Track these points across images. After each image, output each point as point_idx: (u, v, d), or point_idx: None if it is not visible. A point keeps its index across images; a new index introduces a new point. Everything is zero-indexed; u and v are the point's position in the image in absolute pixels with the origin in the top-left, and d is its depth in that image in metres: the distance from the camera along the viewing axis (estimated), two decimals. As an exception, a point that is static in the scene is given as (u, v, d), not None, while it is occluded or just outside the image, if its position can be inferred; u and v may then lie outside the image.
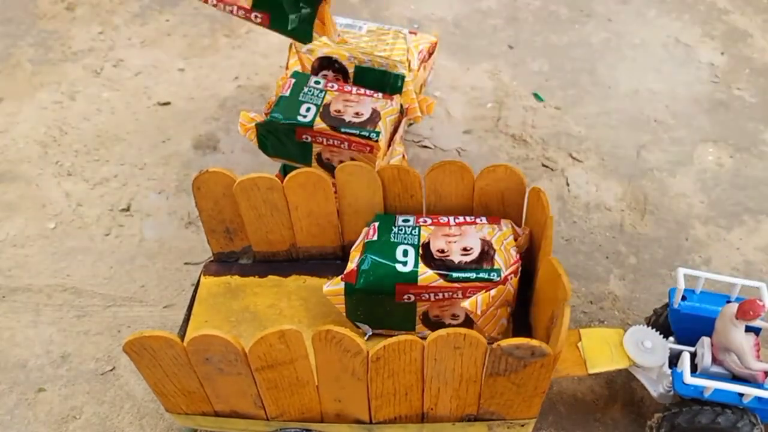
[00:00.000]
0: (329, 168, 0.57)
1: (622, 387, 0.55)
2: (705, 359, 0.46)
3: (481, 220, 0.51)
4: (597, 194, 0.71)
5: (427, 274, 0.46)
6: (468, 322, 0.48)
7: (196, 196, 0.53)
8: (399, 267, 0.46)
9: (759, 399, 0.44)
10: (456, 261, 0.47)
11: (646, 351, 0.47)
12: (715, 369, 0.46)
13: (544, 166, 0.74)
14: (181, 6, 0.97)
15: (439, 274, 0.46)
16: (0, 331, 0.59)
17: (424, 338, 0.39)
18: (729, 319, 0.45)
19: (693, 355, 0.48)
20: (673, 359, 0.48)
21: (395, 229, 0.49)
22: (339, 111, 0.57)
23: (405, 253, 0.47)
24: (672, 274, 0.63)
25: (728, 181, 0.73)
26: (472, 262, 0.46)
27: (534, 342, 0.38)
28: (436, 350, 0.39)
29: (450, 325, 0.48)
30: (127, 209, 0.69)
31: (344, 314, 0.49)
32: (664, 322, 0.52)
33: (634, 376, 0.49)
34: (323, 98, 0.58)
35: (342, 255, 0.56)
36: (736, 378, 0.46)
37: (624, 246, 0.66)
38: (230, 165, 0.74)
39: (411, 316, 0.48)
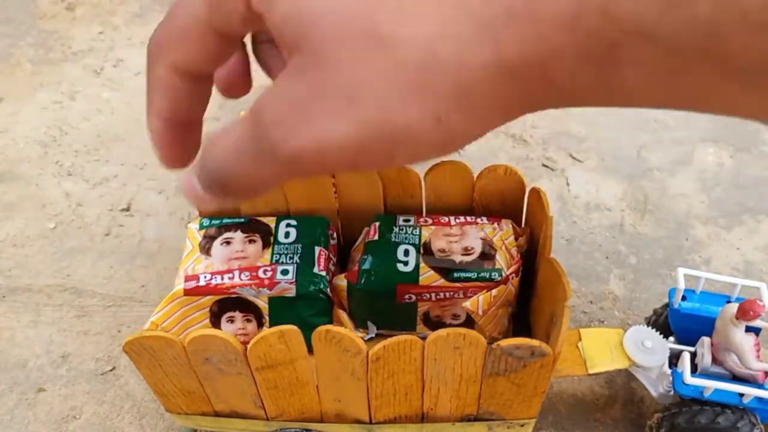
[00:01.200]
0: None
1: (622, 387, 0.55)
2: (705, 359, 0.46)
3: (481, 220, 0.51)
4: (597, 194, 0.71)
5: (428, 274, 0.45)
6: (469, 322, 0.48)
7: (196, 196, 0.52)
8: (400, 267, 0.46)
9: (759, 399, 0.44)
10: (457, 261, 0.46)
11: (646, 351, 0.47)
12: (715, 369, 0.46)
13: (544, 166, 0.74)
14: (181, 6, 0.97)
15: (440, 274, 0.45)
16: (0, 331, 0.59)
17: (424, 338, 0.39)
18: (729, 319, 0.45)
19: (693, 355, 0.48)
20: (673, 359, 0.48)
21: (396, 229, 0.48)
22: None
23: (406, 253, 0.46)
24: (672, 274, 0.63)
25: (728, 181, 0.73)
26: (473, 261, 0.46)
27: (534, 342, 0.38)
28: (435, 350, 0.39)
29: (451, 325, 0.48)
30: (127, 209, 0.69)
31: (346, 312, 0.49)
32: (664, 322, 0.52)
33: (634, 376, 0.49)
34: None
35: (342, 255, 0.56)
36: (736, 378, 0.46)
37: (624, 246, 0.66)
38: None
39: (412, 316, 0.48)
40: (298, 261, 0.45)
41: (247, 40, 0.28)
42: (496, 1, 0.19)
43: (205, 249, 0.47)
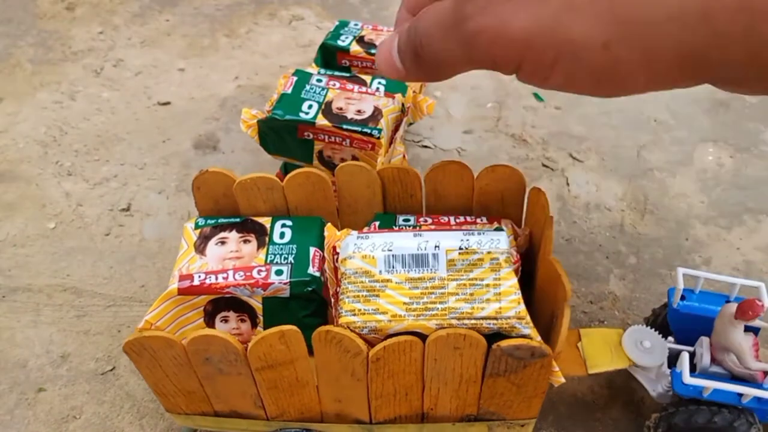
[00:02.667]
0: (330, 166, 0.58)
1: (622, 387, 0.55)
2: (704, 359, 0.46)
3: (481, 220, 0.51)
4: (597, 194, 0.71)
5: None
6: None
7: (196, 196, 0.53)
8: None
9: (758, 399, 0.44)
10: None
11: (644, 351, 0.47)
12: (714, 369, 0.46)
13: (544, 166, 0.74)
14: (181, 6, 0.97)
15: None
16: (0, 331, 0.59)
17: (424, 339, 0.39)
18: (728, 319, 0.45)
19: (692, 355, 0.48)
20: (672, 359, 0.48)
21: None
22: (341, 108, 0.58)
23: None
24: (672, 274, 0.63)
25: (728, 181, 0.73)
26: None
27: (534, 342, 0.38)
28: (436, 351, 0.39)
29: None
30: (127, 209, 0.69)
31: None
32: (663, 322, 0.52)
33: (634, 376, 0.49)
34: (325, 96, 0.59)
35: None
36: (735, 378, 0.46)
37: (624, 246, 0.66)
38: (230, 165, 0.74)
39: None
40: (292, 261, 0.45)
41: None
42: None
43: (200, 248, 0.47)
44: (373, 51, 0.68)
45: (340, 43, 0.69)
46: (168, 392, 0.44)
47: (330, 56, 0.70)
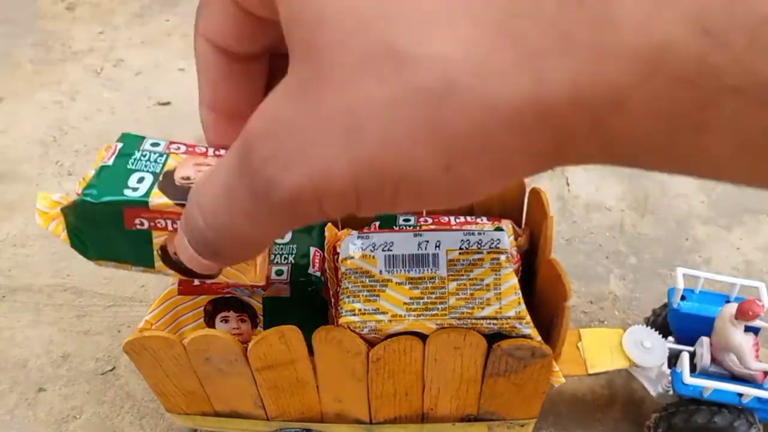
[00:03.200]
0: (182, 268, 0.35)
1: (622, 387, 0.55)
2: (704, 359, 0.46)
3: (482, 220, 0.51)
4: (597, 194, 0.71)
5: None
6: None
7: (196, 196, 0.52)
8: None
9: (758, 399, 0.44)
10: None
11: (645, 351, 0.47)
12: (714, 369, 0.46)
13: (544, 166, 0.74)
14: (181, 6, 0.97)
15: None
16: (0, 331, 0.59)
17: (424, 339, 0.39)
18: (728, 319, 0.45)
19: (692, 355, 0.48)
20: (672, 359, 0.49)
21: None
22: (188, 178, 0.36)
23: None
24: (672, 274, 0.63)
25: (728, 181, 0.73)
26: None
27: (534, 342, 0.38)
28: (436, 351, 0.39)
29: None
30: (127, 209, 0.69)
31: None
32: (663, 322, 0.52)
33: (634, 376, 0.49)
34: (164, 163, 0.37)
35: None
36: (735, 378, 0.46)
37: (624, 246, 0.66)
38: (230, 165, 0.74)
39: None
40: (292, 261, 0.45)
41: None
42: (547, 24, 0.14)
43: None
44: None
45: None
46: (168, 392, 0.44)
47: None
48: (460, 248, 0.41)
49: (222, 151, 0.37)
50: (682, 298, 0.49)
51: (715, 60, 0.13)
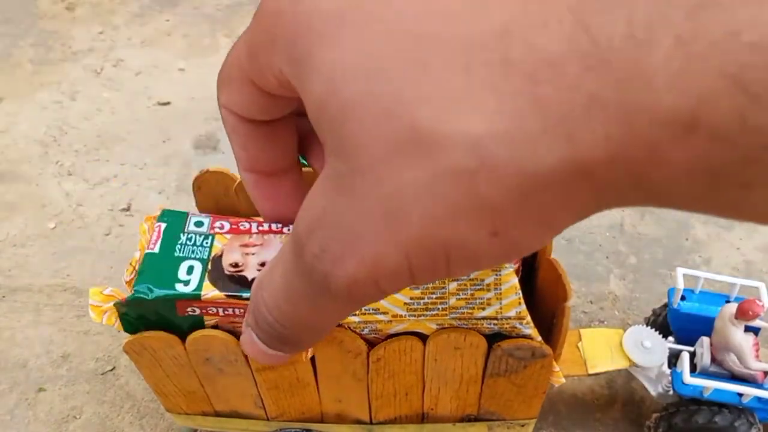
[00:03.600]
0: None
1: (622, 387, 0.55)
2: (704, 359, 0.46)
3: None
4: (597, 194, 0.71)
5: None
6: None
7: (196, 196, 0.52)
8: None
9: (758, 399, 0.44)
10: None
11: (645, 351, 0.47)
12: (714, 369, 0.46)
13: (544, 166, 0.74)
14: (181, 6, 0.97)
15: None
16: (0, 331, 0.59)
17: (424, 339, 0.39)
18: (728, 319, 0.45)
19: (692, 355, 0.48)
20: (673, 359, 0.49)
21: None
22: (236, 265, 0.38)
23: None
24: (672, 274, 0.63)
25: (728, 181, 0.73)
26: None
27: (534, 343, 0.38)
28: (436, 351, 0.39)
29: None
30: (128, 209, 0.69)
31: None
32: (663, 322, 0.53)
33: (634, 376, 0.49)
34: (211, 246, 0.38)
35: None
36: (735, 378, 0.46)
37: (624, 246, 0.66)
38: (230, 165, 0.74)
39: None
40: None
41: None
42: (571, 87, 0.14)
43: None
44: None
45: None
46: (168, 392, 0.44)
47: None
48: None
49: (265, 226, 0.39)
50: (682, 298, 0.49)
51: (756, 119, 0.13)
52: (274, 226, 0.41)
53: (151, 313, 0.38)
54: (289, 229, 0.44)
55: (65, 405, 0.54)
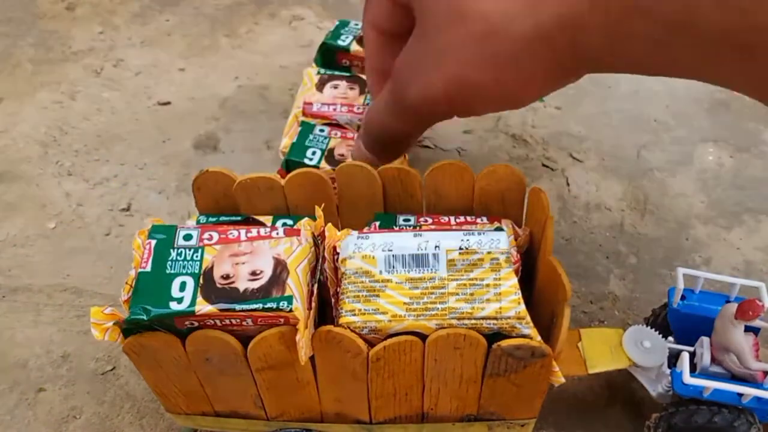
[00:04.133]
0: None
1: (622, 387, 0.55)
2: (704, 359, 0.46)
3: (482, 220, 0.51)
4: (597, 194, 0.71)
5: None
6: None
7: (196, 196, 0.53)
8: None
9: (758, 399, 0.44)
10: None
11: (645, 351, 0.47)
12: (714, 369, 0.46)
13: (544, 166, 0.74)
14: (181, 6, 0.97)
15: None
16: (0, 331, 0.59)
17: (423, 338, 0.39)
18: (728, 319, 0.45)
19: (692, 355, 0.48)
20: (672, 359, 0.49)
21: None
22: (228, 277, 0.38)
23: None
24: (672, 274, 0.63)
25: (728, 181, 0.73)
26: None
27: (534, 342, 0.38)
28: (436, 351, 0.39)
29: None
30: (127, 209, 0.69)
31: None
32: (662, 322, 0.52)
33: (634, 376, 0.49)
34: (202, 257, 0.39)
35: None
36: (735, 378, 0.46)
37: (624, 246, 0.66)
38: (230, 165, 0.74)
39: None
40: None
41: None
42: None
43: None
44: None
45: (340, 42, 0.69)
46: (168, 392, 0.44)
47: (330, 56, 0.70)
48: (460, 248, 0.41)
49: (254, 232, 0.41)
50: (682, 298, 0.49)
51: None
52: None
53: (151, 329, 0.40)
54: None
55: (65, 405, 0.54)
